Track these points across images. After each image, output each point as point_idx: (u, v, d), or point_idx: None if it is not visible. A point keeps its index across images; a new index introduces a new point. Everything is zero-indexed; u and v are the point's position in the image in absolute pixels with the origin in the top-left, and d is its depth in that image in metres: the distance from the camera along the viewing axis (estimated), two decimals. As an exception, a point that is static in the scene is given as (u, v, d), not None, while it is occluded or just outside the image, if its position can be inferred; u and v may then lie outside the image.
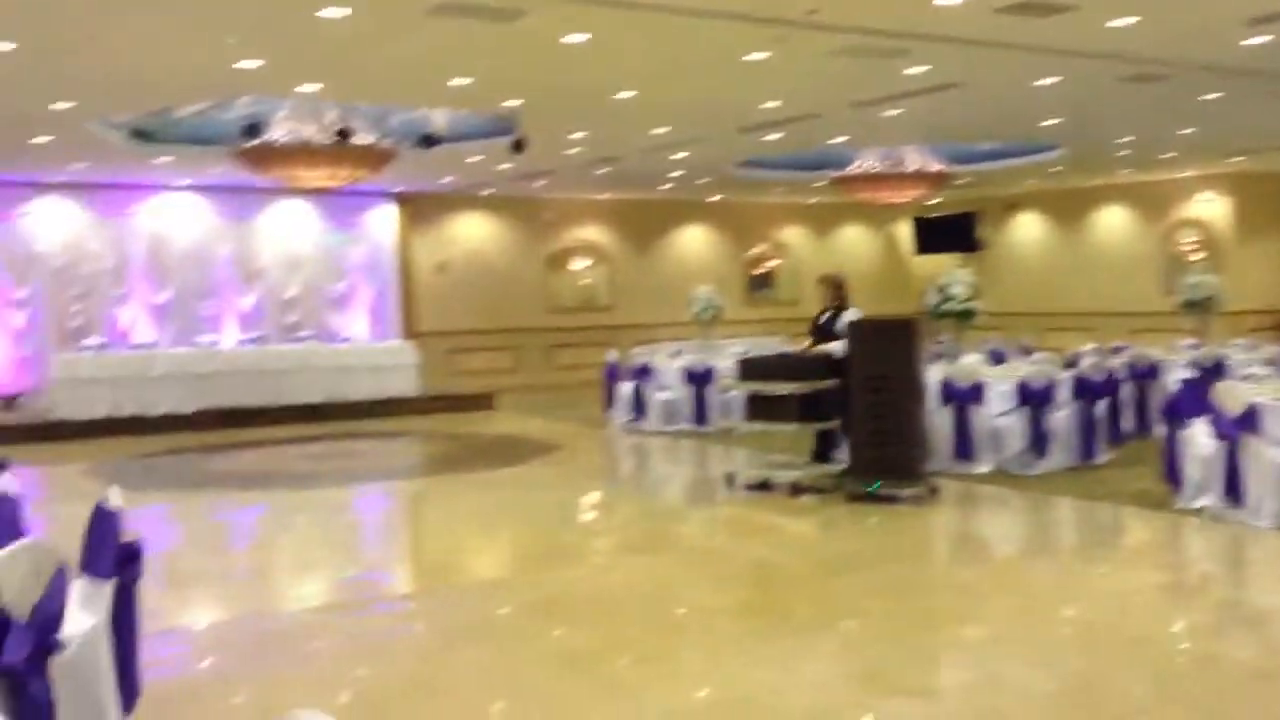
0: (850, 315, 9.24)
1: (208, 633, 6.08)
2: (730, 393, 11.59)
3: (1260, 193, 19.16)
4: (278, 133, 12.22)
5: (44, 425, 14.26)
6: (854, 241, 23.56)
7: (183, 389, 15.23)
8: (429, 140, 12.88)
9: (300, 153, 12.08)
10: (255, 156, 12.42)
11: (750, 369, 9.64)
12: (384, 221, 18.78)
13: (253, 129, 12.07)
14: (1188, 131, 14.20)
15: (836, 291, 9.64)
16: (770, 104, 11.60)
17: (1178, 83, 10.89)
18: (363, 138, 12.18)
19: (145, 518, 9.58)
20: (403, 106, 12.57)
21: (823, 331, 9.48)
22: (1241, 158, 17.29)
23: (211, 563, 7.86)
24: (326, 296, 18.24)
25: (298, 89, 10.35)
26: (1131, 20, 8.44)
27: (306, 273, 18.09)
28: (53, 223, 16.41)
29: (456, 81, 9.93)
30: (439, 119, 13.19)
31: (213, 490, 10.68)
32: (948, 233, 22.57)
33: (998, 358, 12.11)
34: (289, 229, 17.96)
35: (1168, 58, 9.89)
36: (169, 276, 17.07)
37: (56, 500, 9.84)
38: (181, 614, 6.44)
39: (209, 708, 4.73)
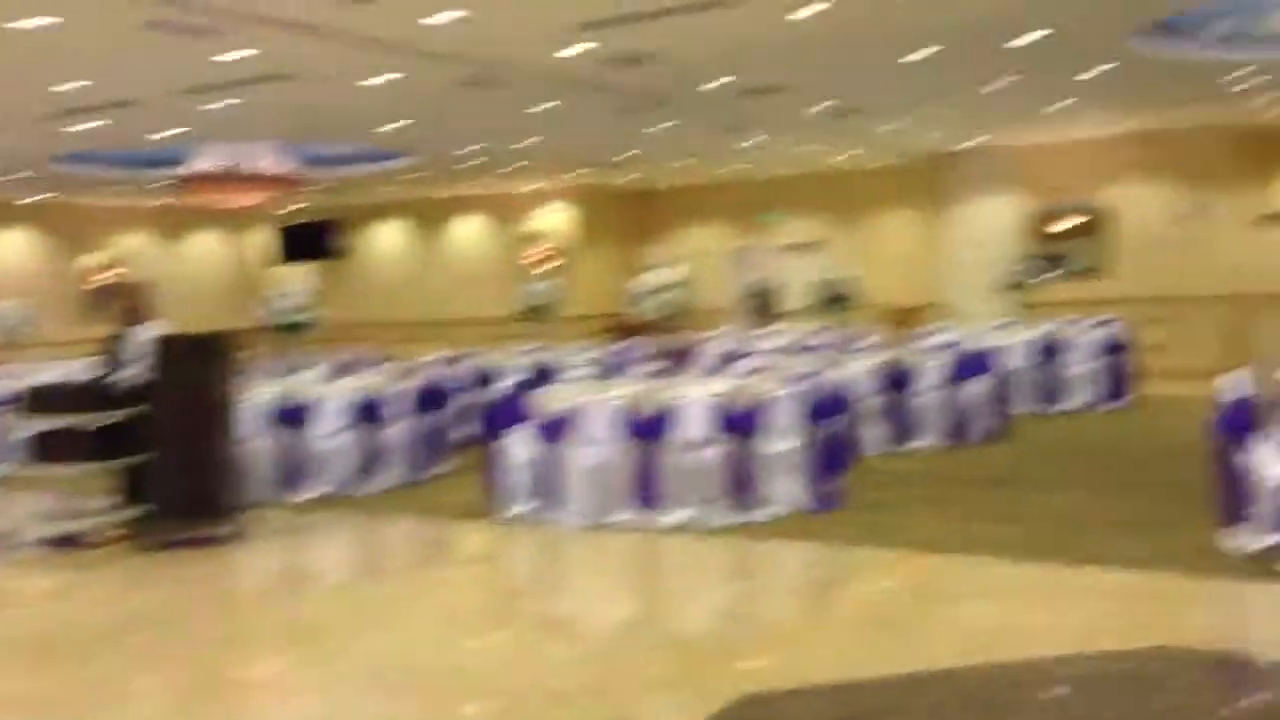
0: (149, 330, 7.87)
1: None
2: (18, 430, 9.66)
3: (600, 204, 20.47)
4: None
5: None
6: (208, 249, 21.85)
7: None
8: None
9: None
10: None
11: (41, 400, 8.03)
12: None
13: None
14: (531, 141, 14.50)
15: (130, 303, 8.20)
16: (74, 85, 9.94)
17: (514, 89, 10.90)
18: None
19: None
20: None
21: (115, 353, 8.01)
22: (584, 170, 18.22)
23: None
24: None
25: None
26: (449, 16, 8.12)
27: None
28: None
29: None
30: None
31: None
32: (311, 241, 21.65)
33: (348, 370, 11.39)
34: None
35: (497, 62, 9.79)
36: None
37: None
38: None
39: None
